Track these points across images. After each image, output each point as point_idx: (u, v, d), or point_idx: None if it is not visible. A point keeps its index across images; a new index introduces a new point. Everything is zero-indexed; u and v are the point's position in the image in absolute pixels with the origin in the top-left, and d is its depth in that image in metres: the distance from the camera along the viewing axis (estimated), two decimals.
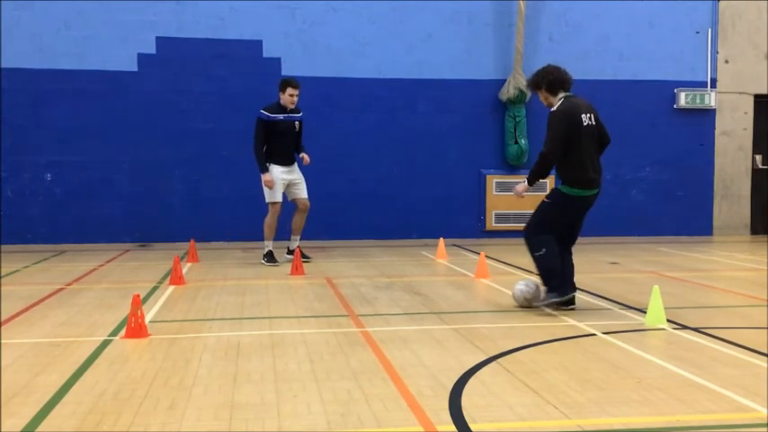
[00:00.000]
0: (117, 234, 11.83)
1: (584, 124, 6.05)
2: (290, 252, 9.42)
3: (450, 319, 6.05)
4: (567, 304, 6.28)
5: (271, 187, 9.13)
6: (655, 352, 5.00)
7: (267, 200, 9.23)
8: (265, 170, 9.09)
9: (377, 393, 4.05)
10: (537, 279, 6.46)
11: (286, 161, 9.26)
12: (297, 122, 9.34)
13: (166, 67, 11.83)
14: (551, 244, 6.13)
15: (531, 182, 6.24)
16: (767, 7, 13.22)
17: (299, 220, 9.49)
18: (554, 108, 6.11)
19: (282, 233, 9.86)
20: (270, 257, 9.24)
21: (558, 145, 6.00)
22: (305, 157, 9.34)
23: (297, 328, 5.73)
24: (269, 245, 9.29)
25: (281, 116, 9.16)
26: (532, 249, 6.22)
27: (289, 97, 9.14)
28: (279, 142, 9.17)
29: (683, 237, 12.93)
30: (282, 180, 9.20)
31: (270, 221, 9.26)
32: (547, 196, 6.30)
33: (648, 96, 12.91)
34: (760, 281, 8.06)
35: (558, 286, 6.16)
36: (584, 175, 6.07)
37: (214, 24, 11.97)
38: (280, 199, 9.22)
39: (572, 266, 6.40)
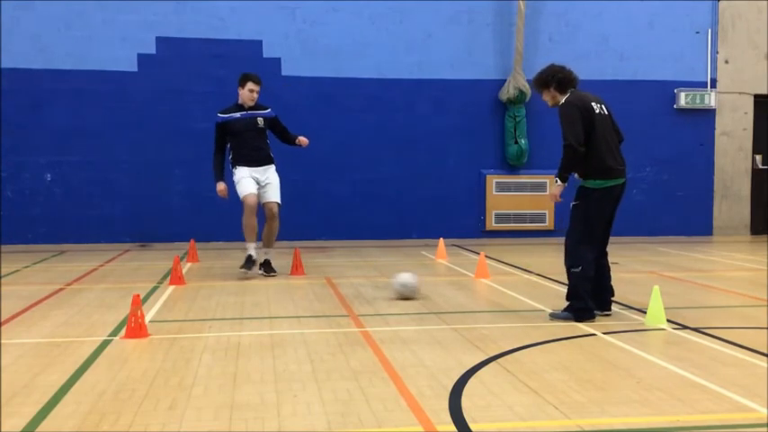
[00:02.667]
0: (117, 234, 11.84)
1: (596, 112, 5.88)
2: (259, 267, 8.42)
3: (450, 319, 6.05)
4: (600, 309, 6.09)
5: (224, 197, 8.41)
6: (655, 352, 5.00)
7: (239, 196, 8.31)
8: (219, 179, 8.34)
9: (377, 393, 4.05)
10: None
11: (253, 162, 8.34)
12: (260, 119, 8.40)
13: (166, 67, 11.84)
14: (589, 264, 5.86)
15: (562, 178, 5.92)
16: (767, 7, 13.22)
17: (267, 230, 8.42)
18: (563, 101, 5.93)
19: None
20: (247, 263, 8.24)
21: (578, 131, 5.77)
22: (301, 139, 8.48)
23: (297, 328, 5.73)
24: (250, 247, 8.30)
25: (236, 114, 8.35)
26: (569, 263, 5.93)
27: (248, 93, 8.31)
28: (240, 142, 8.34)
29: (683, 237, 12.93)
30: (251, 176, 8.29)
31: (244, 220, 8.26)
32: (574, 199, 6.01)
33: (648, 96, 12.91)
34: (760, 281, 8.06)
35: (578, 310, 5.87)
36: (602, 164, 5.84)
37: (214, 24, 11.98)
38: (249, 191, 8.18)
39: (608, 274, 6.12)
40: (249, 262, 8.27)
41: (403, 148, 12.48)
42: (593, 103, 5.93)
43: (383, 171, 12.45)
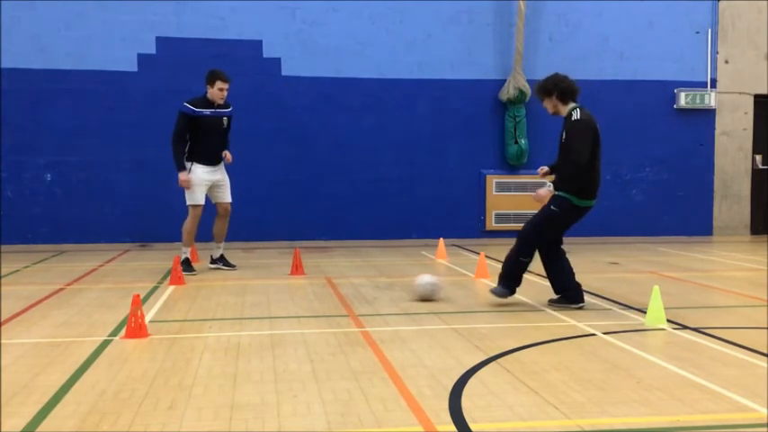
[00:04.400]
0: (117, 234, 11.83)
1: (599, 136, 6.19)
2: (214, 261, 8.85)
3: (450, 319, 6.05)
4: (573, 303, 6.40)
5: (188, 188, 8.40)
6: (655, 352, 5.00)
7: (188, 202, 8.50)
8: (182, 169, 8.35)
9: (377, 393, 4.05)
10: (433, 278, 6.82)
11: (211, 161, 8.48)
12: (225, 118, 8.56)
13: (166, 67, 11.83)
14: (532, 256, 6.41)
15: (557, 187, 6.21)
16: (767, 7, 13.22)
17: (220, 227, 8.77)
18: (578, 117, 6.10)
19: (207, 236, 9.35)
20: (187, 265, 8.41)
21: (589, 153, 6.04)
22: (227, 155, 8.59)
23: (297, 328, 5.73)
24: (186, 251, 8.62)
25: (207, 111, 8.39)
26: (521, 252, 6.34)
27: (218, 92, 8.37)
28: (204, 140, 8.39)
29: (683, 237, 12.93)
30: (206, 182, 8.47)
31: (189, 226, 8.54)
32: (554, 205, 6.21)
33: (648, 96, 12.91)
34: (760, 281, 8.06)
35: (512, 287, 6.48)
36: (594, 185, 6.19)
37: (214, 24, 11.97)
38: (201, 202, 8.49)
39: (571, 268, 6.50)
40: (189, 264, 8.53)
41: (403, 148, 12.48)
42: (597, 126, 6.20)
43: (383, 171, 12.45)
